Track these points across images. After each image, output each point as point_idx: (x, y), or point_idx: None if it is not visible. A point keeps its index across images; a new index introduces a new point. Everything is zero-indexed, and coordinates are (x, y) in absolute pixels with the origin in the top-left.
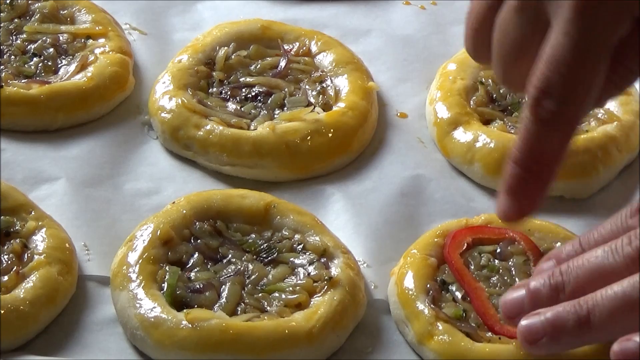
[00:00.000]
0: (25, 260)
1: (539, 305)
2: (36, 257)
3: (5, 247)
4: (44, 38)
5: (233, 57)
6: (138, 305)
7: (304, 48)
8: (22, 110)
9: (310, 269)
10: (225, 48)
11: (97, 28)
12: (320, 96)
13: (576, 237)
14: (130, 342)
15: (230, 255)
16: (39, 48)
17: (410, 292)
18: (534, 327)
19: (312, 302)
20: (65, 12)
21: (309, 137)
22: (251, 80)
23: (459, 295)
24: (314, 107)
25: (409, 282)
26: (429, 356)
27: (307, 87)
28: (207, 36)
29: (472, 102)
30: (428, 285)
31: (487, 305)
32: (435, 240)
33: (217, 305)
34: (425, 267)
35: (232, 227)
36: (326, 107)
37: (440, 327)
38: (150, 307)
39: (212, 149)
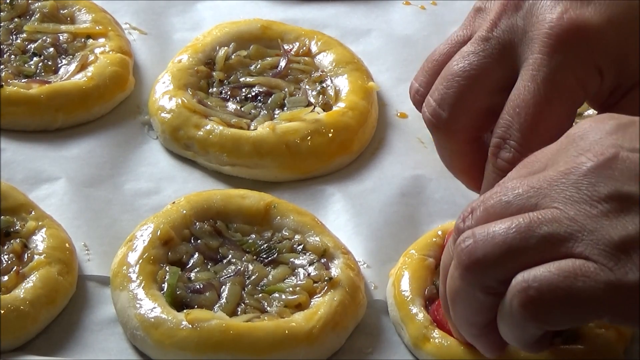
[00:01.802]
0: (25, 260)
1: None
2: (36, 257)
3: (5, 247)
4: (44, 37)
5: (233, 57)
6: (138, 305)
7: (304, 48)
8: (22, 110)
9: (311, 269)
10: (225, 48)
11: (97, 28)
12: (320, 96)
13: None
14: (130, 342)
15: (230, 256)
16: (39, 48)
17: (406, 295)
18: None
19: (312, 303)
20: (65, 11)
21: (309, 137)
22: (251, 80)
23: None
24: (314, 107)
25: (405, 284)
26: (426, 358)
27: (307, 87)
28: (207, 36)
29: None
30: (428, 289)
31: None
32: (434, 240)
33: (217, 305)
34: (423, 268)
35: (232, 227)
36: (326, 107)
37: (437, 330)
38: (151, 307)
39: (212, 149)
